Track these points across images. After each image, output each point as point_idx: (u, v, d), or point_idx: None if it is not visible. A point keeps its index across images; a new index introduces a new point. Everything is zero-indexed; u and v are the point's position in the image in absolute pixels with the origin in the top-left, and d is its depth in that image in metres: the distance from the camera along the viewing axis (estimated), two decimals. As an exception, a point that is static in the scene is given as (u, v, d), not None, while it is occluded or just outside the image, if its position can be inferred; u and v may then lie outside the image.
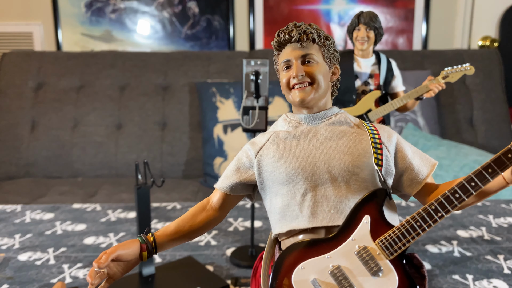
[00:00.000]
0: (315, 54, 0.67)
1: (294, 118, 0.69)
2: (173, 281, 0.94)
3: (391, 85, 1.16)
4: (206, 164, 2.25)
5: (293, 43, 0.68)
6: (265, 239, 1.17)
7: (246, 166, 0.67)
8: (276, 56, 0.72)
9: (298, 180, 0.61)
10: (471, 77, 2.35)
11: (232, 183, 0.67)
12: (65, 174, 2.20)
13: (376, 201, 0.55)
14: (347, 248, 0.51)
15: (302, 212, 0.58)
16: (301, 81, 0.66)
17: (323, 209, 0.57)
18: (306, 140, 0.65)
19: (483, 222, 1.29)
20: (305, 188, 0.60)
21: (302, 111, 0.69)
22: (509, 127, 2.34)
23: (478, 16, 2.68)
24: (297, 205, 0.59)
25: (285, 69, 0.68)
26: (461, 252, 1.09)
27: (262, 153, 0.65)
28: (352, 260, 0.50)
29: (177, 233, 0.65)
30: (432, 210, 0.56)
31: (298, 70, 0.65)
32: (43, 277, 0.96)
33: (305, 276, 0.48)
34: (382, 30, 1.11)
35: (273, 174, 0.63)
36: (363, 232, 0.52)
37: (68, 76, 2.31)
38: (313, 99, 0.66)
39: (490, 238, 1.17)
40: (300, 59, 0.67)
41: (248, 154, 0.67)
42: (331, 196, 0.59)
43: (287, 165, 0.62)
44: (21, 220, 1.31)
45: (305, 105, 0.67)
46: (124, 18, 2.76)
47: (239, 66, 2.37)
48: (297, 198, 0.59)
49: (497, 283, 0.93)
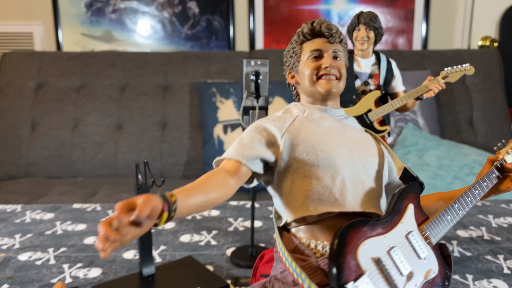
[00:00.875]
0: (341, 52, 0.69)
1: (312, 107, 0.68)
2: (173, 281, 0.94)
3: (391, 85, 1.16)
4: (206, 164, 2.25)
5: (324, 37, 0.68)
6: (265, 239, 1.17)
7: (268, 142, 0.61)
8: (298, 45, 0.70)
9: (336, 165, 0.60)
10: (471, 77, 2.35)
11: (250, 155, 0.59)
12: (65, 174, 2.20)
13: (415, 191, 0.59)
14: (399, 231, 0.53)
15: (341, 195, 0.57)
16: (330, 72, 0.67)
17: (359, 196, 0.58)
18: (336, 129, 0.65)
19: (483, 222, 1.29)
20: (342, 174, 0.60)
21: (316, 103, 0.69)
22: (509, 127, 2.35)
23: (478, 16, 2.68)
24: (336, 189, 0.58)
25: (313, 58, 0.68)
26: (461, 252, 1.09)
27: (292, 132, 0.62)
28: (403, 243, 0.52)
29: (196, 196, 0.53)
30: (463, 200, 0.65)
31: (331, 62, 0.67)
32: (43, 277, 0.96)
33: (369, 254, 0.48)
34: (382, 30, 1.12)
35: (307, 155, 0.60)
36: (410, 219, 0.55)
37: (68, 76, 2.31)
38: (337, 93, 0.68)
39: (490, 238, 1.17)
40: (332, 53, 0.68)
41: (270, 131, 0.62)
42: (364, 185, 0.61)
43: (326, 148, 0.60)
44: (21, 220, 1.32)
45: (329, 96, 0.68)
46: (124, 18, 2.76)
47: (239, 66, 2.37)
48: (335, 182, 0.58)
49: (497, 283, 0.94)
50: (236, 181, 0.59)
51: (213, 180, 0.56)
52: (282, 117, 0.66)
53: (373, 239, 0.50)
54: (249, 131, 0.63)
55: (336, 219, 0.58)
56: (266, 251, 0.86)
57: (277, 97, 2.33)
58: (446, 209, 0.62)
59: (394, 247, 0.51)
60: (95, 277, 0.97)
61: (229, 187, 0.57)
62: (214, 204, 0.56)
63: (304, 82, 0.69)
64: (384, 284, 0.49)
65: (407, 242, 0.53)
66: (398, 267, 0.51)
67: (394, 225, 0.53)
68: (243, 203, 1.46)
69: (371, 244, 0.49)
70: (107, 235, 0.44)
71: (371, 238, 0.50)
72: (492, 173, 0.72)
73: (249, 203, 1.45)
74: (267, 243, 1.15)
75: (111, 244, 0.44)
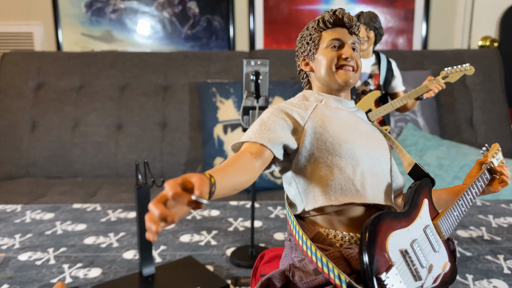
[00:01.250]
0: (358, 44, 0.69)
1: (327, 97, 0.68)
2: (173, 281, 0.94)
3: (391, 85, 1.16)
4: (206, 164, 2.25)
5: (345, 27, 0.68)
6: (265, 239, 1.17)
7: (290, 128, 0.60)
8: (316, 32, 0.68)
9: (357, 156, 0.59)
10: (471, 77, 2.35)
11: (275, 139, 0.57)
12: (65, 174, 2.20)
13: (428, 187, 0.61)
14: (418, 224, 0.54)
15: (362, 187, 0.58)
16: (349, 64, 0.66)
17: (377, 189, 0.59)
18: (352, 120, 0.65)
19: (483, 222, 1.29)
20: (362, 165, 0.60)
21: (331, 93, 0.68)
22: (509, 127, 2.35)
23: (478, 16, 2.68)
24: (357, 180, 0.58)
25: (333, 47, 0.67)
26: (461, 252, 1.09)
27: (315, 120, 0.61)
28: (422, 236, 0.54)
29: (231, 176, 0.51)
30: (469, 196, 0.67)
31: (352, 53, 0.66)
32: (43, 277, 0.96)
33: (397, 245, 0.49)
34: (382, 30, 1.12)
35: (331, 145, 0.59)
36: (426, 213, 0.57)
37: (68, 76, 2.31)
38: (353, 84, 0.67)
39: (490, 238, 1.17)
40: (351, 44, 0.68)
41: (293, 116, 0.60)
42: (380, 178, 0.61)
43: (348, 139, 0.60)
44: (21, 220, 1.32)
45: (346, 88, 0.67)
46: (124, 18, 2.76)
47: (239, 66, 2.37)
48: (356, 174, 0.58)
49: (497, 283, 0.93)
50: (261, 165, 0.57)
51: (242, 163, 0.54)
52: (303, 103, 0.64)
53: (399, 231, 0.51)
54: (270, 114, 0.61)
55: (355, 210, 0.58)
56: (266, 251, 0.86)
57: (277, 97, 2.33)
58: (454, 206, 0.64)
59: (416, 239, 0.52)
60: (95, 277, 0.97)
61: (255, 170, 0.56)
62: (243, 187, 0.54)
63: (321, 70, 0.67)
64: (410, 276, 0.50)
65: (425, 236, 0.54)
66: (419, 260, 0.52)
67: (413, 218, 0.54)
68: (243, 203, 1.46)
69: (397, 236, 0.50)
70: (165, 216, 0.41)
71: (397, 230, 0.51)
72: (484, 174, 0.74)
73: (249, 203, 1.45)
74: (267, 243, 1.15)
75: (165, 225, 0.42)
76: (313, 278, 0.54)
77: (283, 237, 1.19)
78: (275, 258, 0.83)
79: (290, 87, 2.35)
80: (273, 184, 2.29)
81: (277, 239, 1.17)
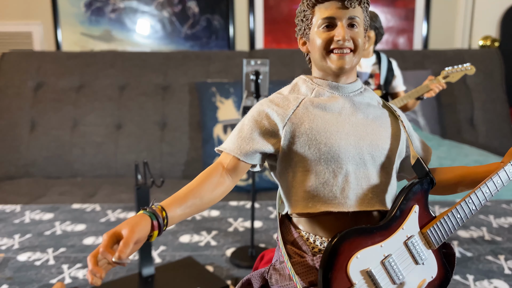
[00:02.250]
0: (359, 17, 0.59)
1: (321, 84, 0.61)
2: (172, 281, 0.94)
3: (392, 85, 1.15)
4: (206, 164, 2.25)
5: (340, 1, 0.58)
6: (265, 239, 1.17)
7: (269, 133, 0.57)
8: (309, 9, 0.60)
9: (340, 159, 0.55)
10: (472, 77, 2.35)
11: (248, 150, 0.57)
12: (64, 174, 2.20)
13: (424, 189, 0.55)
14: (398, 237, 0.51)
15: (342, 194, 0.55)
16: (343, 46, 0.58)
17: (363, 193, 0.55)
18: (346, 112, 0.59)
19: (483, 222, 1.29)
20: (346, 168, 0.55)
21: (327, 77, 0.61)
22: (509, 127, 2.34)
23: (478, 15, 2.67)
24: (337, 186, 0.55)
25: (324, 27, 0.59)
26: (462, 252, 1.08)
27: (295, 121, 0.57)
28: (400, 249, 0.51)
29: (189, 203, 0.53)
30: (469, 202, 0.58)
31: (346, 34, 0.57)
32: (42, 278, 0.96)
33: (360, 266, 0.47)
34: (382, 29, 1.11)
35: (309, 149, 0.55)
36: (412, 222, 0.53)
37: (67, 76, 2.30)
38: (351, 68, 0.60)
39: (490, 239, 1.16)
40: (347, 21, 0.58)
41: (272, 119, 0.57)
42: (370, 179, 0.57)
43: (329, 141, 0.55)
44: (21, 220, 1.31)
45: (341, 73, 0.60)
46: (124, 17, 2.75)
47: (239, 66, 2.37)
48: (337, 179, 0.55)
49: (498, 284, 0.93)
50: (234, 178, 0.58)
51: (210, 181, 0.56)
52: (287, 99, 0.59)
53: (367, 250, 0.49)
54: (250, 118, 0.59)
55: (336, 217, 0.55)
56: (266, 251, 0.85)
57: (277, 97, 2.32)
58: (456, 209, 0.57)
59: (390, 255, 0.50)
60: (94, 278, 0.97)
61: (226, 185, 0.57)
62: (210, 205, 0.56)
63: (315, 54, 0.61)
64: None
65: (406, 249, 0.51)
66: (391, 276, 0.50)
67: (393, 230, 0.51)
68: (243, 203, 1.46)
69: (365, 255, 0.48)
70: (94, 272, 0.46)
71: (366, 248, 0.49)
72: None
73: (249, 204, 1.45)
74: (267, 243, 1.14)
75: (99, 279, 0.47)
76: (287, 283, 0.54)
77: (283, 237, 1.19)
78: (275, 258, 0.82)
79: (290, 86, 2.35)
80: (273, 184, 2.29)
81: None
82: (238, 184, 2.38)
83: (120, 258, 0.46)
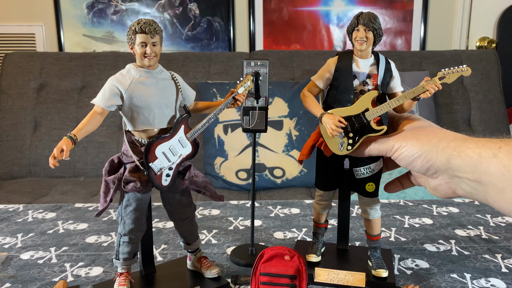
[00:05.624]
0: (158, 42, 0.93)
1: (140, 70, 0.94)
2: (173, 279, 0.95)
3: (389, 85, 1.16)
4: (206, 164, 2.26)
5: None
6: (265, 237, 1.18)
7: (119, 95, 0.92)
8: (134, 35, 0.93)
9: (151, 107, 0.92)
10: (469, 78, 2.36)
11: (111, 104, 0.91)
12: (67, 174, 2.21)
13: (185, 117, 0.94)
14: (175, 138, 0.92)
15: (153, 121, 0.92)
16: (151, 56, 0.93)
17: (164, 120, 0.93)
18: (153, 84, 0.94)
19: (480, 221, 1.30)
20: (154, 111, 0.92)
21: (144, 67, 0.95)
22: (507, 127, 2.36)
23: (476, 17, 2.69)
24: (151, 118, 0.92)
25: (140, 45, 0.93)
26: (459, 251, 1.10)
27: (130, 91, 0.91)
28: (176, 142, 0.92)
29: (87, 130, 0.91)
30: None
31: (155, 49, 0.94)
32: (45, 276, 0.97)
33: (160, 150, 0.90)
34: (381, 31, 1.12)
35: (138, 103, 0.91)
36: (181, 132, 0.94)
37: (70, 76, 2.32)
38: (155, 63, 0.95)
39: (488, 237, 1.18)
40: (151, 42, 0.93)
41: (119, 89, 0.92)
42: (165, 114, 0.93)
43: (147, 99, 0.92)
44: (23, 219, 1.33)
45: (150, 67, 0.94)
46: (126, 19, 2.77)
47: (239, 67, 2.39)
48: (150, 115, 0.92)
49: (495, 282, 0.94)
50: (102, 116, 0.93)
51: (94, 120, 0.93)
52: (125, 77, 0.94)
53: (163, 143, 0.91)
54: (108, 86, 0.92)
55: (153, 131, 0.92)
56: (266, 249, 0.87)
57: (276, 98, 2.34)
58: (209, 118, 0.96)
59: (172, 145, 0.91)
60: (97, 276, 0.98)
61: (99, 121, 0.93)
62: (93, 130, 0.93)
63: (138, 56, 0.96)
64: (166, 161, 0.90)
65: (178, 142, 0.92)
66: (173, 152, 0.91)
67: (173, 135, 0.91)
68: (243, 202, 1.48)
69: (162, 146, 0.91)
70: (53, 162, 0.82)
71: (163, 143, 0.91)
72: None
73: (249, 203, 1.46)
74: (267, 242, 1.16)
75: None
76: (130, 160, 0.91)
77: (283, 236, 1.20)
78: (275, 256, 0.84)
79: (290, 87, 2.36)
80: (273, 184, 2.30)
81: (277, 238, 1.18)
82: (239, 183, 2.39)
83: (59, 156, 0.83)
